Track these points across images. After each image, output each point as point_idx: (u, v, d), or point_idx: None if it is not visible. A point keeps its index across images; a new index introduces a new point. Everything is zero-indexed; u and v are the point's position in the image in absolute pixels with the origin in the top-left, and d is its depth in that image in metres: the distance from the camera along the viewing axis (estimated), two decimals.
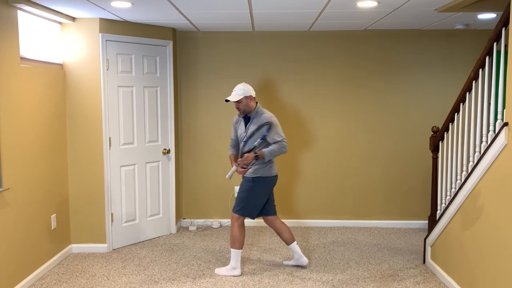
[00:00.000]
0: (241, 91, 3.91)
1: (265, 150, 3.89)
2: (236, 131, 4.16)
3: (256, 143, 3.93)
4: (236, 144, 4.20)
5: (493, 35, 3.24)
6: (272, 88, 5.39)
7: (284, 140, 3.93)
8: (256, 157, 3.89)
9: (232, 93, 3.95)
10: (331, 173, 5.50)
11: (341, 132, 5.44)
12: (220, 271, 4.07)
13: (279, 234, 4.15)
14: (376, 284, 3.84)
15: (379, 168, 5.48)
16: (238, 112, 4.15)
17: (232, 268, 4.04)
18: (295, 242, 4.16)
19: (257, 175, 3.96)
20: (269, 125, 3.90)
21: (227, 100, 3.95)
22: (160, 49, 4.99)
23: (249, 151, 3.97)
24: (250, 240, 4.99)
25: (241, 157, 4.04)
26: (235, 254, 4.01)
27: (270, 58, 5.37)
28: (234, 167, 4.01)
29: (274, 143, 3.90)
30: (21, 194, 3.72)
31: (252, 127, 3.96)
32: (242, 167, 3.99)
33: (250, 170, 3.99)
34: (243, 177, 4.04)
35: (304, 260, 4.18)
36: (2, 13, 3.39)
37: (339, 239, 5.05)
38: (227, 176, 3.99)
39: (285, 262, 4.29)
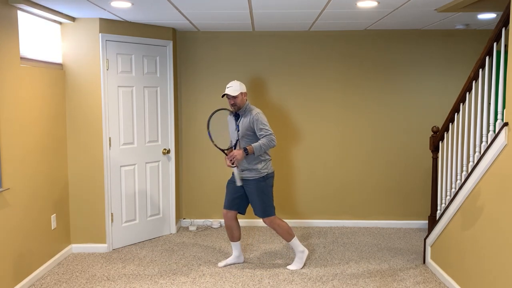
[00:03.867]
0: (237, 86, 4.00)
1: (254, 144, 3.93)
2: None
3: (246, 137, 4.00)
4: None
5: (493, 35, 3.24)
6: (272, 88, 5.39)
7: (272, 133, 3.98)
8: (246, 152, 3.91)
9: (228, 88, 4.00)
10: (331, 173, 5.50)
11: (341, 132, 5.44)
12: (294, 266, 4.18)
13: (233, 230, 4.20)
14: (376, 284, 3.84)
15: (379, 168, 5.48)
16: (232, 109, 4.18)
17: (300, 259, 4.17)
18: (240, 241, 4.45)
19: (265, 173, 4.04)
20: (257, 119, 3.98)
21: (223, 95, 4.01)
22: (160, 49, 4.99)
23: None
24: (250, 240, 4.99)
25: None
26: (296, 244, 4.16)
27: (270, 58, 5.36)
28: (235, 171, 4.02)
29: (262, 137, 3.96)
30: (21, 194, 3.72)
31: (242, 124, 4.02)
32: (232, 163, 3.97)
33: (255, 172, 4.01)
34: (249, 181, 4.05)
35: (242, 259, 4.33)
36: (2, 13, 3.39)
37: (339, 239, 5.05)
38: (238, 184, 4.03)
39: (220, 264, 4.25)
